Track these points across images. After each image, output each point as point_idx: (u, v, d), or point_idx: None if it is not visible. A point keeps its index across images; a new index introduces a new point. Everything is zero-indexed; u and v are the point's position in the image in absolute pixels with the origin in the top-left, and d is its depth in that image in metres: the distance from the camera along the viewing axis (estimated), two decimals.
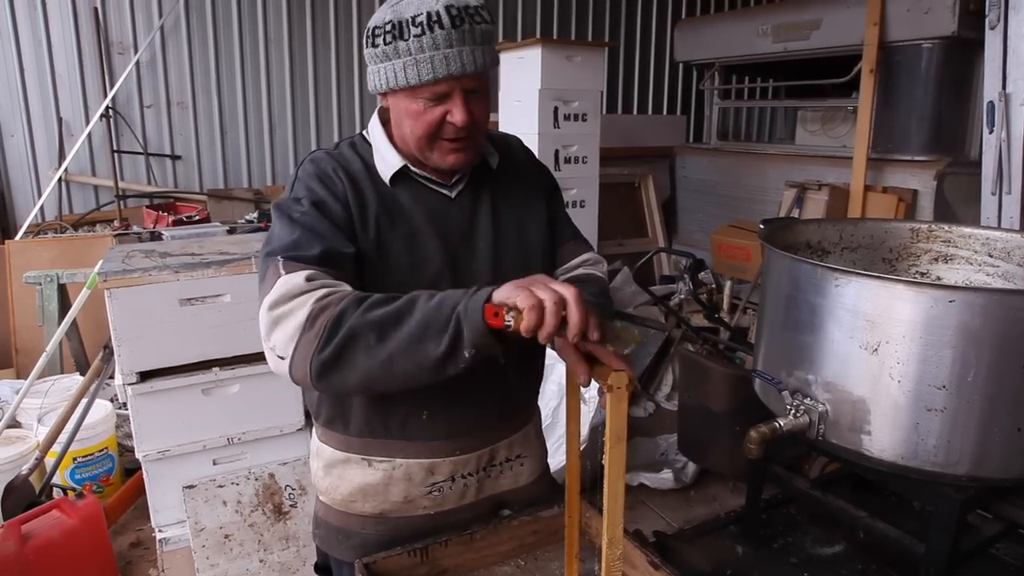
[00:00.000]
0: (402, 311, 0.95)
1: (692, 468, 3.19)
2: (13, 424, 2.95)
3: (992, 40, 3.02)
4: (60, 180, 4.60)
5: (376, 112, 1.23)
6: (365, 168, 1.18)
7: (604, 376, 0.90)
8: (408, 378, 0.96)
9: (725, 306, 3.95)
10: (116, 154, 4.74)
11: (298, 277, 1.01)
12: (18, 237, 4.29)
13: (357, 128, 5.40)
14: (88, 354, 3.57)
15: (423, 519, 1.26)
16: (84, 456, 2.82)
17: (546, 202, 1.33)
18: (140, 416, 2.26)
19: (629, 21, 6.56)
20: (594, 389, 2.91)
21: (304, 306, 0.98)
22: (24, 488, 2.52)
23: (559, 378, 2.94)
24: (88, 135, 4.61)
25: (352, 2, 5.33)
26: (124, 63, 4.72)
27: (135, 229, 4.01)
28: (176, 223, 4.04)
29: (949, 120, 3.77)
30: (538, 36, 4.54)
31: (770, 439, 1.34)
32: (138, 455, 2.30)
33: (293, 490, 2.41)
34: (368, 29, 1.10)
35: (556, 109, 3.75)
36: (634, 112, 6.74)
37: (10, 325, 3.83)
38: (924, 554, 1.28)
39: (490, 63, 1.09)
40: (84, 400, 2.62)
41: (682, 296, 4.15)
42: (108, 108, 4.62)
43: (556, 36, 6.05)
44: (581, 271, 1.34)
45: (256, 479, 2.39)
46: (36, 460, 2.57)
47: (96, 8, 4.59)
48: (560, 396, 2.93)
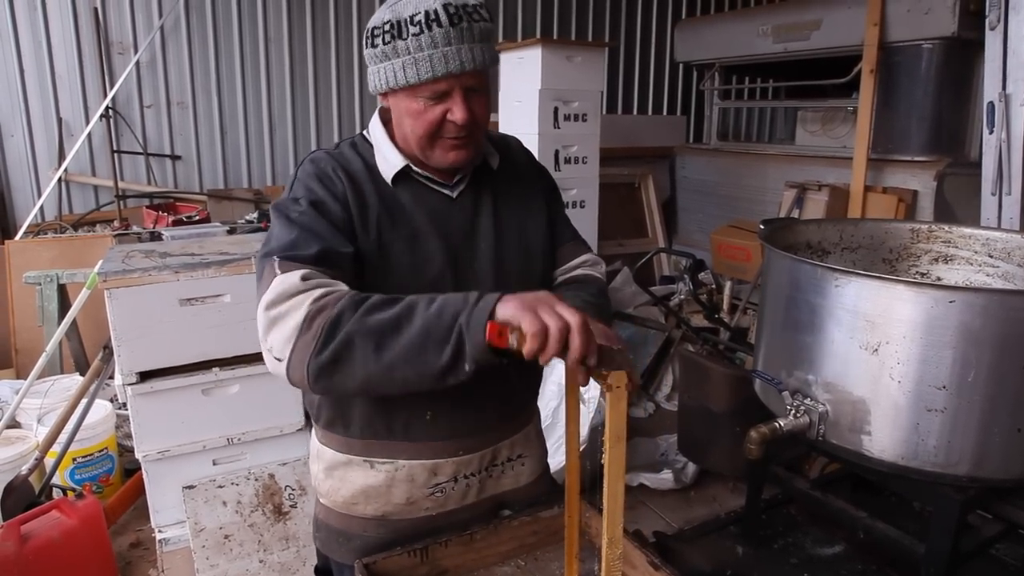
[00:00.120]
0: (401, 317, 0.94)
1: (692, 468, 3.19)
2: (13, 424, 2.95)
3: (992, 40, 3.02)
4: (60, 180, 4.60)
5: (377, 112, 1.23)
6: (366, 168, 1.17)
7: (604, 376, 0.90)
8: (408, 384, 0.96)
9: (725, 306, 3.95)
10: (116, 154, 4.73)
11: (294, 276, 1.00)
12: (18, 237, 4.28)
13: (357, 128, 5.40)
14: (88, 354, 3.57)
15: (424, 520, 1.26)
16: (84, 456, 2.82)
17: (546, 203, 1.33)
18: (140, 416, 2.26)
19: (629, 21, 6.56)
20: (594, 389, 2.91)
21: (301, 306, 0.97)
22: (24, 488, 2.52)
23: (559, 378, 2.94)
24: (88, 135, 4.60)
25: (352, 2, 5.33)
26: (124, 63, 4.72)
27: (135, 229, 4.01)
28: (176, 223, 4.04)
29: (949, 121, 3.77)
30: (538, 36, 4.54)
31: (770, 439, 1.34)
32: (138, 455, 2.30)
33: (293, 490, 2.41)
34: (367, 30, 1.10)
35: (556, 109, 3.75)
36: (634, 112, 6.74)
37: (10, 325, 3.83)
38: (924, 554, 1.28)
39: (489, 61, 1.09)
40: (84, 400, 2.62)
41: (682, 296, 4.15)
42: (108, 108, 4.61)
43: (556, 36, 6.05)
44: (580, 272, 1.35)
45: (256, 479, 2.39)
46: (36, 460, 2.57)
47: (96, 8, 4.59)
48: (560, 396, 2.93)
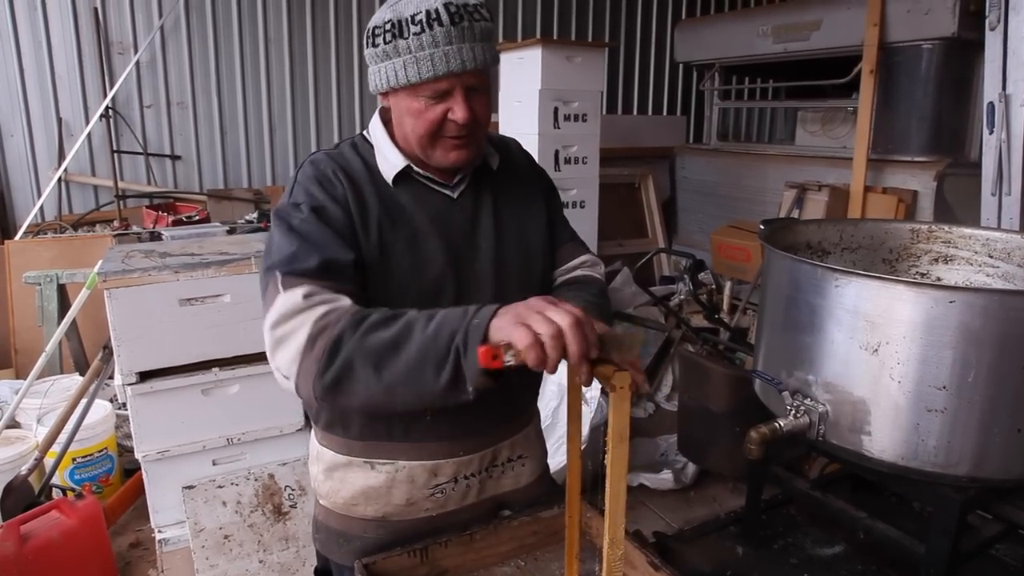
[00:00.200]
0: (399, 338, 0.94)
1: (692, 469, 3.19)
2: (12, 424, 2.95)
3: (992, 41, 3.02)
4: (60, 180, 4.60)
5: (377, 112, 1.23)
6: (366, 169, 1.17)
7: (606, 375, 0.90)
8: (410, 404, 0.97)
9: (725, 307, 3.96)
10: (116, 154, 4.73)
11: (296, 295, 1.01)
12: (18, 237, 4.28)
13: (357, 128, 5.40)
14: (88, 354, 3.57)
15: (424, 521, 1.26)
16: (83, 456, 2.82)
17: (545, 204, 1.33)
18: (139, 416, 2.26)
19: (629, 21, 6.56)
20: (595, 389, 2.91)
21: (304, 326, 0.98)
22: (23, 488, 2.52)
23: (559, 378, 2.93)
24: (88, 135, 4.60)
25: (352, 2, 5.33)
26: (124, 63, 4.72)
27: (135, 229, 4.01)
28: (176, 223, 4.04)
29: (949, 121, 3.77)
30: (538, 36, 4.54)
31: (770, 440, 1.34)
32: (137, 455, 2.30)
33: (293, 491, 2.41)
34: (368, 29, 1.10)
35: (556, 109, 3.75)
36: (634, 112, 6.74)
37: (9, 325, 3.83)
38: (924, 555, 1.28)
39: (490, 60, 1.09)
40: (83, 400, 2.62)
41: (682, 297, 4.16)
42: (108, 108, 4.61)
43: (556, 36, 6.05)
44: (579, 272, 1.35)
45: (256, 479, 2.39)
46: (35, 460, 2.57)
47: (96, 8, 4.59)
48: (560, 396, 2.93)
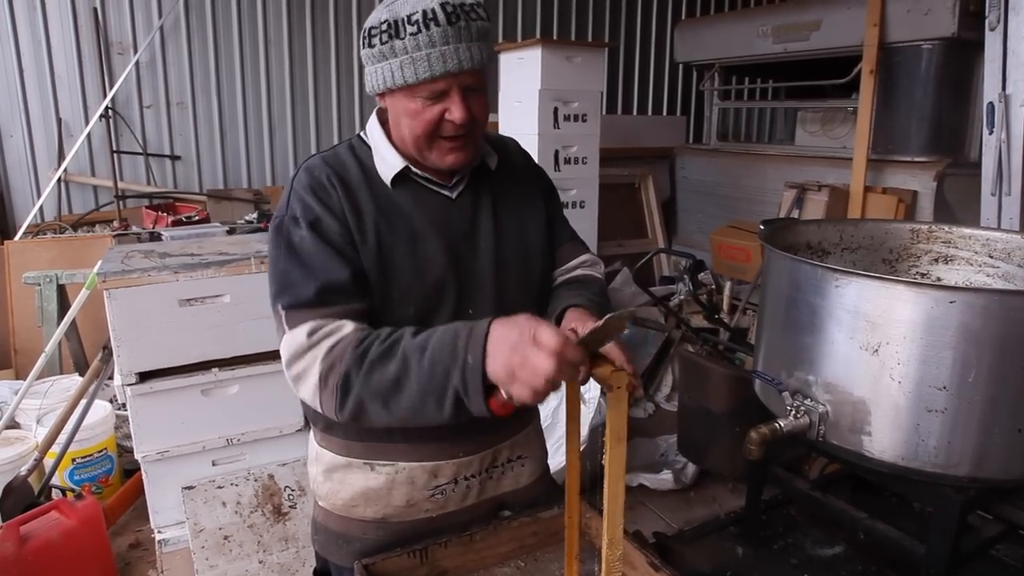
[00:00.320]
0: (399, 376, 0.99)
1: (692, 469, 3.18)
2: (12, 425, 2.95)
3: (992, 41, 3.02)
4: (59, 180, 4.59)
5: (375, 113, 1.22)
6: (362, 172, 1.17)
7: (604, 376, 0.90)
8: (428, 424, 1.02)
9: (725, 307, 3.95)
10: (115, 154, 4.73)
11: (300, 334, 1.05)
12: (17, 237, 4.28)
13: (357, 128, 5.38)
14: (87, 355, 3.57)
15: (424, 522, 1.25)
16: (83, 457, 2.81)
17: (544, 204, 1.33)
18: (139, 417, 2.25)
19: (629, 21, 6.56)
20: (595, 389, 2.91)
21: (314, 365, 1.04)
22: (23, 489, 2.52)
23: None
24: (87, 135, 4.60)
25: (352, 2, 5.33)
26: (123, 63, 4.71)
27: (134, 229, 4.01)
28: (175, 223, 4.04)
29: (949, 121, 3.76)
30: (538, 36, 4.55)
31: (770, 440, 1.34)
32: (137, 456, 2.30)
33: (292, 491, 2.41)
34: (364, 30, 1.10)
35: (556, 110, 3.75)
36: (634, 113, 6.74)
37: (9, 326, 3.83)
38: (924, 555, 1.28)
39: (487, 60, 1.09)
40: (83, 401, 2.61)
41: (682, 297, 4.15)
42: (107, 108, 4.61)
43: (556, 36, 6.05)
44: (579, 272, 1.35)
45: (255, 480, 2.39)
46: (35, 461, 2.56)
47: (95, 8, 4.58)
48: (559, 396, 2.91)
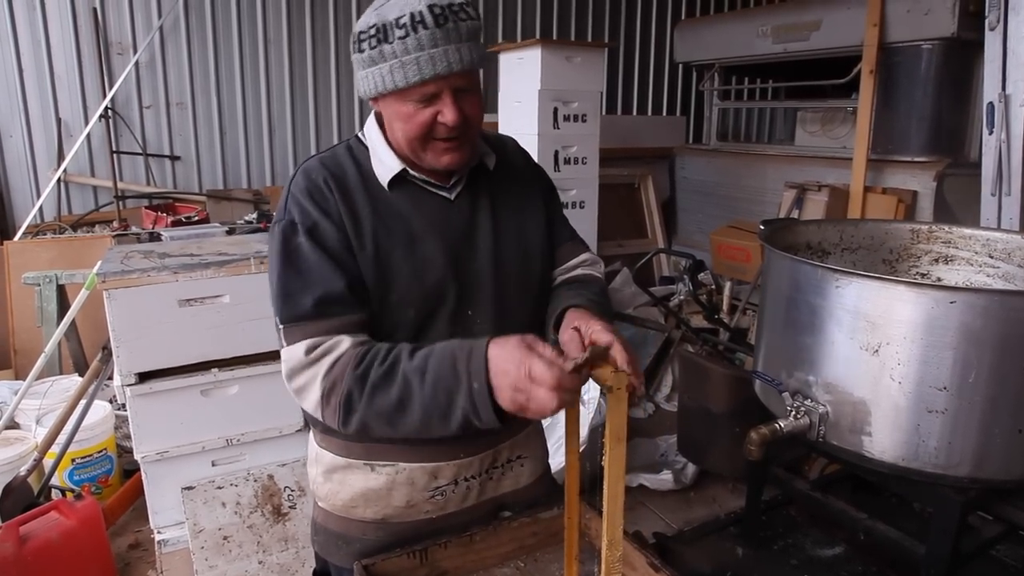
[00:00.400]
0: (403, 398, 1.01)
1: (692, 469, 3.18)
2: (12, 425, 2.95)
3: (992, 41, 3.02)
4: (59, 181, 4.59)
5: (372, 114, 1.22)
6: (359, 174, 1.16)
7: (604, 377, 0.90)
8: (437, 435, 1.05)
9: (725, 307, 3.95)
10: (115, 155, 4.73)
11: (298, 350, 1.07)
12: (17, 238, 4.28)
13: (357, 129, 5.38)
14: (87, 355, 3.56)
15: (424, 523, 1.25)
16: (83, 457, 2.81)
17: (544, 203, 1.33)
18: (139, 417, 2.25)
19: (629, 21, 6.56)
20: (595, 389, 2.91)
21: (314, 382, 1.06)
22: (22, 489, 2.52)
23: None
24: (87, 136, 4.60)
25: (351, 3, 5.33)
26: (123, 64, 4.71)
27: (134, 230, 4.01)
28: (175, 224, 4.04)
29: (949, 121, 3.76)
30: (538, 37, 4.55)
31: (770, 440, 1.34)
32: (137, 456, 2.29)
33: (292, 491, 2.41)
34: (354, 34, 1.09)
35: (556, 110, 3.75)
36: (634, 113, 6.74)
37: (9, 326, 3.83)
38: (924, 556, 1.28)
39: (478, 60, 1.07)
40: (83, 401, 2.61)
41: (682, 297, 4.15)
42: (107, 109, 4.61)
43: (556, 37, 6.05)
44: (579, 272, 1.34)
45: (255, 480, 2.39)
46: (35, 461, 2.56)
47: (95, 9, 4.58)
48: None
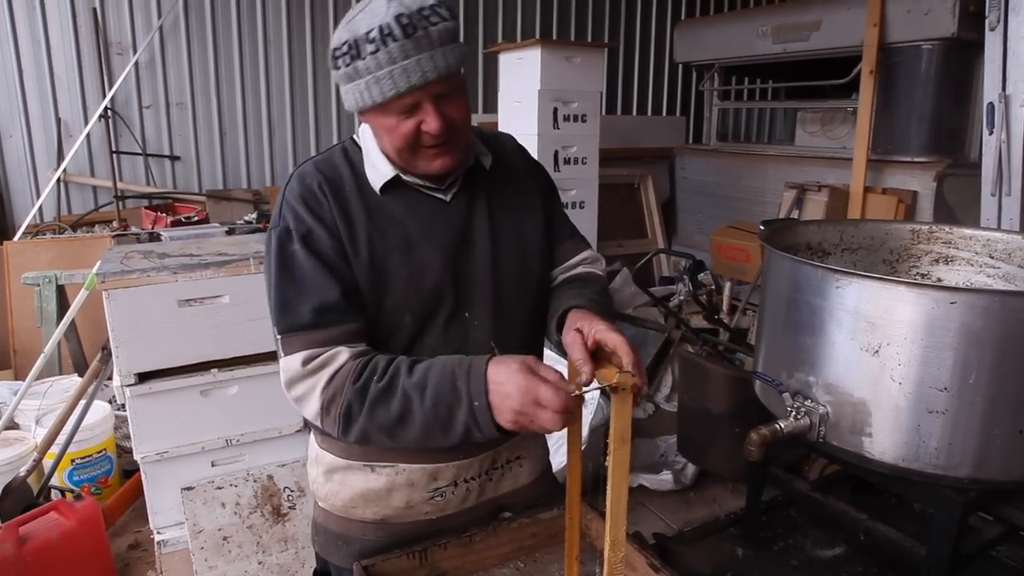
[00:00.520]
0: (403, 413, 1.02)
1: (692, 469, 3.18)
2: (11, 425, 2.94)
3: (992, 41, 3.02)
4: (59, 181, 4.59)
5: None
6: (355, 178, 1.16)
7: (608, 377, 0.90)
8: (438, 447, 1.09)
9: (725, 307, 3.95)
10: (115, 155, 4.73)
11: (295, 361, 1.07)
12: (16, 238, 4.27)
13: (357, 128, 5.37)
14: (86, 355, 3.56)
15: (424, 524, 1.25)
16: (82, 458, 2.81)
17: (542, 201, 1.31)
18: (138, 417, 2.25)
19: (629, 22, 6.56)
20: (596, 390, 2.90)
21: (313, 393, 1.06)
22: (22, 490, 2.51)
23: None
24: (87, 136, 4.60)
25: (352, 2, 5.33)
26: (123, 64, 4.71)
27: (134, 230, 4.01)
28: (175, 224, 4.04)
29: (949, 121, 3.77)
30: (538, 37, 4.54)
31: (770, 441, 1.34)
32: (136, 457, 2.29)
33: (292, 492, 2.41)
34: (329, 51, 1.07)
35: (556, 110, 3.75)
36: (634, 113, 6.74)
37: (8, 326, 3.82)
38: (925, 556, 1.28)
39: (455, 63, 1.05)
40: (82, 401, 2.61)
41: (681, 297, 4.15)
42: (107, 109, 4.61)
43: (556, 37, 6.05)
44: (581, 270, 1.33)
45: (255, 481, 2.38)
46: (34, 461, 2.56)
47: (95, 9, 4.58)
48: None
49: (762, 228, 2.40)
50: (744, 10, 6.39)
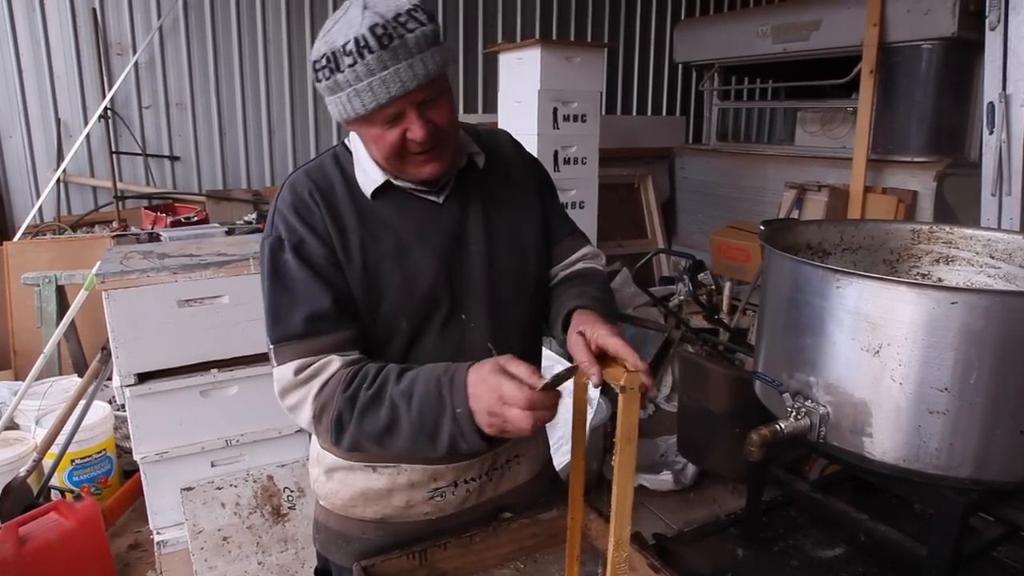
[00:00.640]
0: (391, 423, 1.02)
1: (692, 470, 3.18)
2: (11, 426, 2.94)
3: (992, 41, 3.02)
4: (59, 181, 4.58)
5: None
6: (346, 184, 1.16)
7: (616, 377, 0.89)
8: (426, 456, 1.09)
9: (725, 307, 3.95)
10: (115, 155, 4.72)
11: (287, 371, 1.09)
12: (16, 238, 4.27)
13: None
14: (86, 355, 3.56)
15: (424, 524, 1.25)
16: (82, 458, 2.81)
17: (539, 198, 1.30)
18: (138, 418, 2.25)
19: (629, 22, 6.56)
20: (594, 390, 2.90)
21: (305, 402, 1.08)
22: (22, 490, 2.51)
23: None
24: (87, 136, 4.59)
25: None
26: (123, 64, 4.71)
27: (133, 230, 4.01)
28: (174, 224, 4.04)
29: (949, 121, 3.77)
30: (537, 37, 4.54)
31: (771, 441, 1.34)
32: (136, 457, 2.29)
33: (292, 492, 2.41)
34: (310, 64, 1.07)
35: (555, 110, 3.75)
36: (633, 113, 6.74)
37: (8, 327, 3.82)
38: (925, 557, 1.28)
39: (435, 68, 1.03)
40: (82, 402, 2.61)
41: (681, 297, 4.15)
42: (107, 109, 4.60)
43: (556, 37, 6.04)
44: (581, 266, 1.32)
45: (255, 481, 2.38)
46: (34, 462, 2.56)
47: (94, 9, 4.58)
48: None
49: (762, 228, 2.40)
50: (744, 10, 6.39)
